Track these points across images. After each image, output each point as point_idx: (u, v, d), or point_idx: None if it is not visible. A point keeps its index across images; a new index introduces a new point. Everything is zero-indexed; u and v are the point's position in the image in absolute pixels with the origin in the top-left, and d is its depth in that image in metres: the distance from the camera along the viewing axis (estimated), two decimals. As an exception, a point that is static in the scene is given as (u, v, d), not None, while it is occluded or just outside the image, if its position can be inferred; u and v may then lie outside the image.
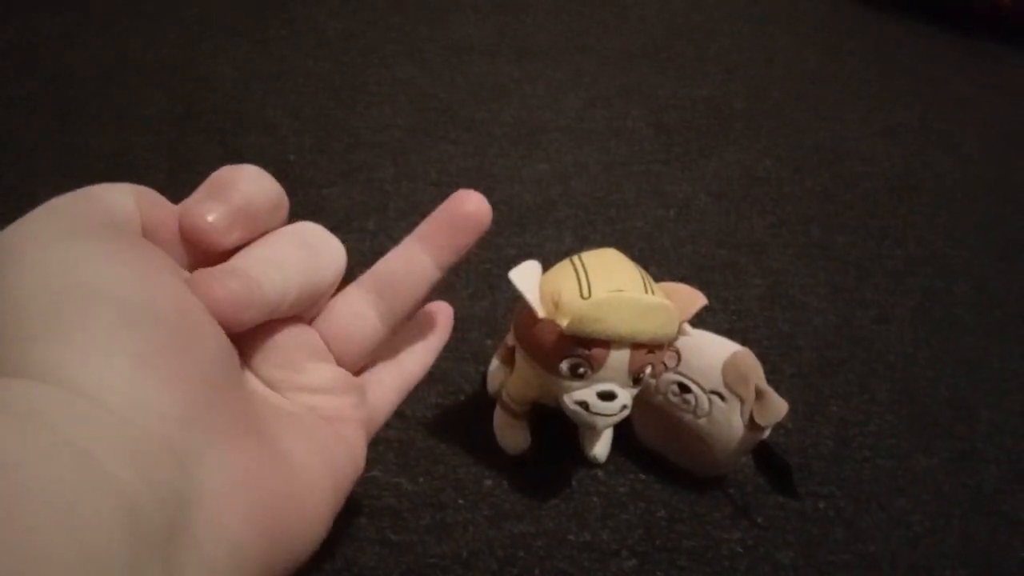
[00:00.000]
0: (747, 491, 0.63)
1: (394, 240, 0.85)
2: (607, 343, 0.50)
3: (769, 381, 0.59)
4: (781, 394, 0.58)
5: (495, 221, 0.86)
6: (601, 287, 0.51)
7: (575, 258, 0.54)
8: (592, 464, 0.63)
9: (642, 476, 0.63)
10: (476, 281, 0.78)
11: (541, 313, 0.51)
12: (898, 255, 0.90)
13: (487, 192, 0.90)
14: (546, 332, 0.51)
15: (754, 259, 0.86)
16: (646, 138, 1.02)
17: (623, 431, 0.65)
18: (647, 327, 0.50)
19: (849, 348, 0.78)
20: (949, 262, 0.89)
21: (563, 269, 0.53)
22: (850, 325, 0.80)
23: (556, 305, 0.51)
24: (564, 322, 0.50)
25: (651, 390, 0.61)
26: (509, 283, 0.50)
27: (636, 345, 0.51)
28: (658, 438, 0.63)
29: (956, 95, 1.18)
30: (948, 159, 1.05)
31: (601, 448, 0.63)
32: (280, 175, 0.88)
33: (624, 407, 0.53)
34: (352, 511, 0.58)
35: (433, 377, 0.68)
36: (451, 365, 0.69)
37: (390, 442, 0.63)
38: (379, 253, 0.80)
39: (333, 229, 0.82)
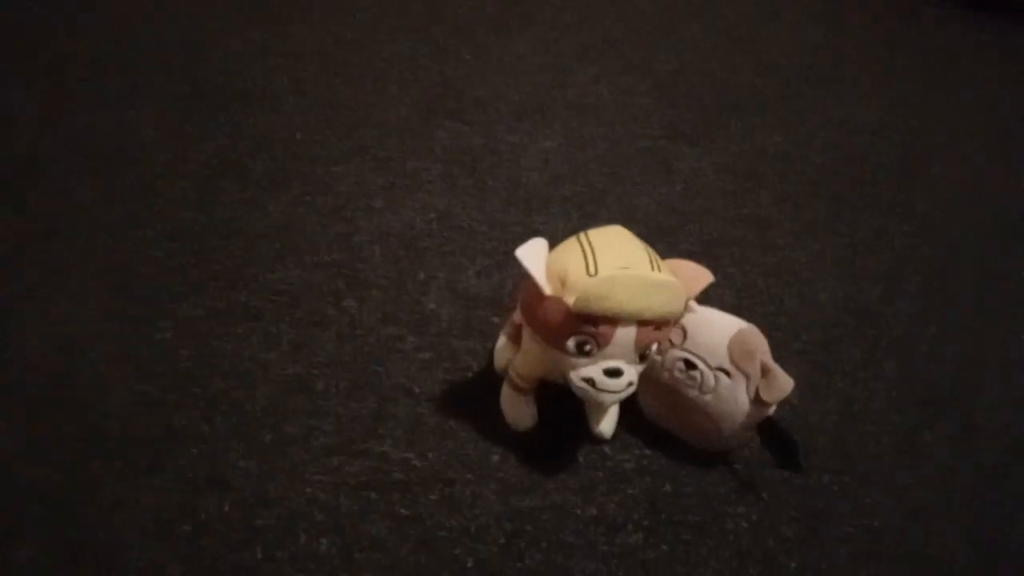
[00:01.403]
0: (752, 466, 0.64)
1: (401, 217, 0.85)
2: (614, 320, 0.50)
3: (775, 357, 0.59)
4: (787, 370, 0.58)
5: (501, 199, 0.86)
6: (608, 265, 0.51)
7: (582, 235, 0.54)
8: (599, 440, 0.64)
9: (648, 452, 0.64)
10: (482, 259, 0.78)
11: (548, 290, 0.51)
12: (904, 231, 0.89)
13: (492, 170, 0.90)
14: (553, 309, 0.51)
15: (760, 235, 0.86)
16: (653, 113, 1.01)
17: (629, 407, 0.65)
18: (653, 304, 0.51)
19: (854, 324, 0.78)
20: (952, 238, 0.89)
21: (570, 246, 0.53)
22: (855, 301, 0.81)
23: (563, 282, 0.51)
24: (571, 299, 0.50)
25: (658, 367, 0.61)
26: (515, 261, 0.51)
27: (642, 322, 0.51)
28: (665, 414, 0.64)
29: (962, 70, 1.17)
30: (952, 135, 1.05)
31: (607, 424, 0.64)
32: (287, 153, 0.88)
33: (630, 384, 0.53)
34: (362, 486, 0.59)
35: (441, 354, 0.69)
36: (458, 343, 0.70)
37: (399, 419, 0.64)
38: (387, 232, 0.81)
39: (340, 207, 0.83)
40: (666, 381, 0.61)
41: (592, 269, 0.51)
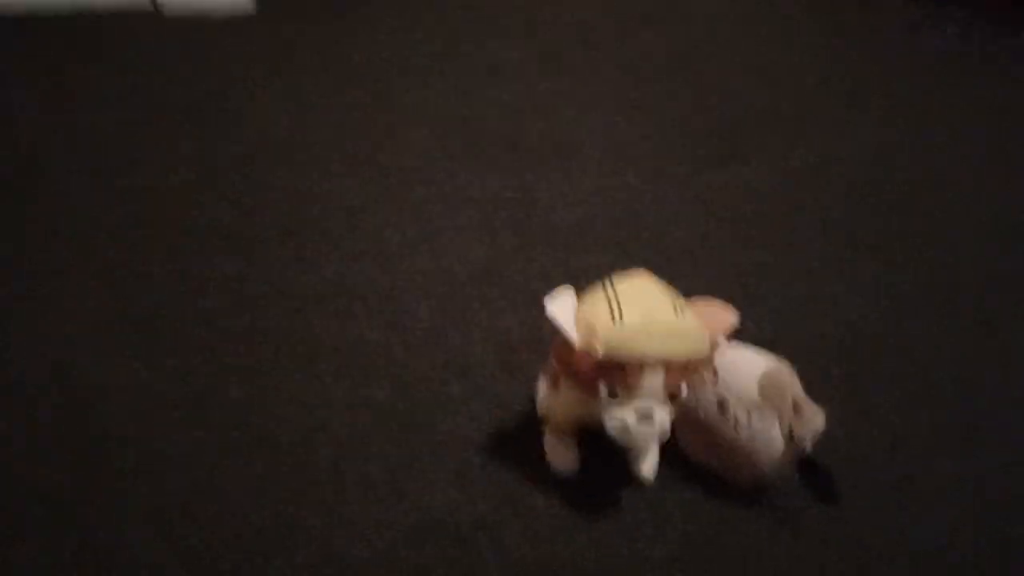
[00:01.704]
0: (793, 501, 0.64)
1: (441, 264, 0.87)
2: (640, 365, 0.52)
3: (813, 388, 0.60)
4: (824, 402, 0.59)
5: (539, 240, 0.89)
6: (632, 312, 0.53)
7: (607, 283, 0.57)
8: (641, 483, 0.65)
9: (689, 491, 0.65)
10: (522, 300, 0.81)
11: (577, 341, 0.54)
12: (930, 255, 0.88)
13: (528, 212, 0.92)
14: (583, 357, 0.54)
15: (791, 260, 0.87)
16: (678, 145, 1.02)
17: (670, 447, 0.66)
18: (678, 348, 0.53)
19: (891, 351, 0.78)
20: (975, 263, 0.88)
21: (595, 296, 0.56)
22: (898, 327, 0.80)
23: (590, 331, 0.54)
24: (599, 347, 0.53)
25: (693, 407, 0.63)
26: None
27: (669, 365, 0.53)
28: (703, 453, 0.65)
29: (969, 94, 1.15)
30: (957, 154, 1.04)
31: (648, 467, 0.65)
32: (313, 201, 0.92)
33: (663, 425, 0.55)
34: (411, 536, 0.62)
35: (484, 395, 0.72)
36: (501, 386, 0.73)
37: (447, 463, 0.67)
38: (426, 273, 0.83)
39: (382, 256, 0.86)
40: (702, 421, 0.62)
41: (617, 317, 0.53)
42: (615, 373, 0.53)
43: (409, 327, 0.79)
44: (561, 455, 0.65)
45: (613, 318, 0.53)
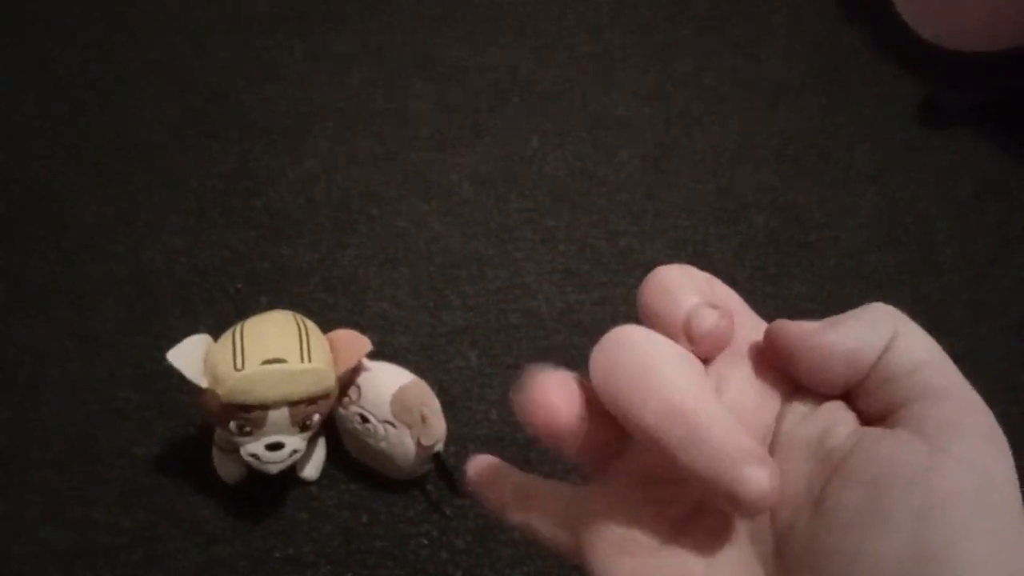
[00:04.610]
0: (441, 487, 0.74)
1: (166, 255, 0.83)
2: (263, 407, 0.58)
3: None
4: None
5: (256, 226, 0.89)
6: (253, 358, 0.59)
7: (237, 328, 0.62)
8: (305, 483, 0.73)
9: (352, 486, 0.73)
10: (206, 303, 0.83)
11: (204, 384, 0.59)
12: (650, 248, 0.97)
13: (247, 196, 0.91)
14: (210, 399, 0.59)
15: (500, 249, 0.92)
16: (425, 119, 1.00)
17: (337, 445, 0.74)
18: (297, 389, 0.59)
19: (567, 333, 0.89)
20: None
21: (224, 341, 0.61)
22: (573, 311, 0.91)
23: (215, 377, 0.59)
24: (221, 392, 0.58)
25: (343, 419, 0.70)
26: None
27: (294, 402, 0.60)
28: (359, 454, 0.73)
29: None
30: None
31: (311, 469, 0.72)
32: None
33: (295, 452, 0.62)
34: (68, 555, 0.65)
35: (163, 411, 0.75)
36: (185, 397, 0.76)
37: (112, 482, 0.70)
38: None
39: (83, 247, 0.84)
40: (351, 430, 0.70)
41: (239, 363, 0.58)
42: (239, 414, 0.59)
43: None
44: (227, 466, 0.70)
45: (235, 364, 0.58)
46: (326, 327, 0.68)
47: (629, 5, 1.15)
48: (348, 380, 0.67)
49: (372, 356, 0.69)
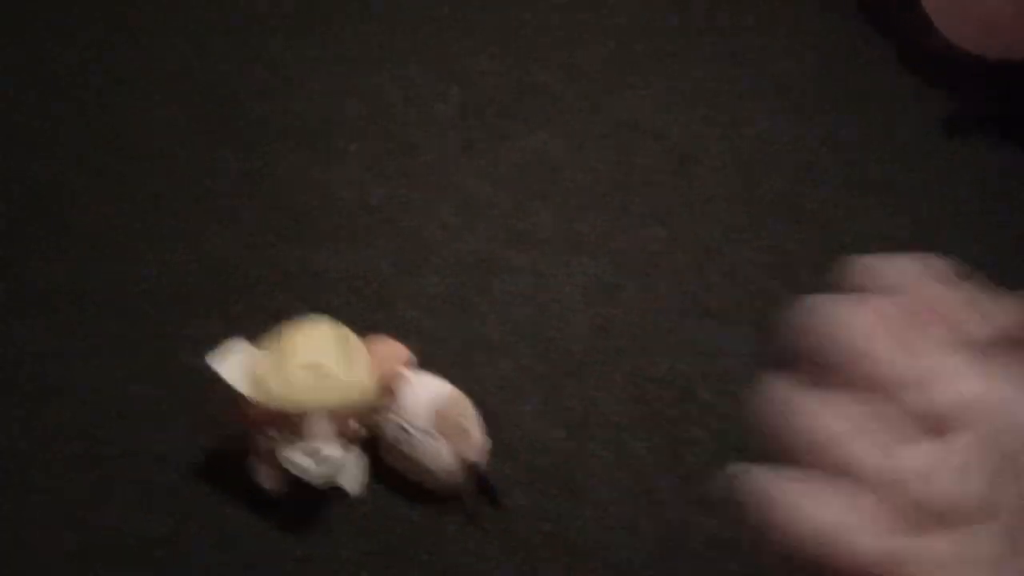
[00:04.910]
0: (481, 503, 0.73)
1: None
2: (302, 413, 0.58)
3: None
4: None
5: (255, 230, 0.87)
6: (296, 364, 0.59)
7: (281, 334, 0.62)
8: (348, 495, 0.72)
9: (389, 497, 0.73)
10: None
11: (244, 390, 0.59)
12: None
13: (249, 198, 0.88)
14: (250, 405, 0.59)
15: (528, 256, 0.88)
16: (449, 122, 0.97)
17: (376, 457, 0.73)
18: (337, 398, 0.59)
19: (598, 341, 0.86)
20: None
21: (265, 347, 0.61)
22: (603, 318, 0.89)
23: (256, 383, 0.59)
24: (261, 398, 0.58)
25: (382, 430, 0.69)
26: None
27: (335, 411, 0.59)
28: (399, 465, 0.72)
29: None
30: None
31: (350, 481, 0.71)
32: None
33: (334, 459, 0.62)
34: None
35: (164, 412, 0.73)
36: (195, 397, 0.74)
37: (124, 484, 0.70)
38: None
39: (83, 247, 0.82)
40: (390, 440, 0.70)
41: (280, 369, 0.58)
42: (283, 420, 0.59)
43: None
44: (266, 475, 0.70)
45: (276, 370, 0.58)
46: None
47: (652, 11, 1.14)
48: (386, 389, 0.67)
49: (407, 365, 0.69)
